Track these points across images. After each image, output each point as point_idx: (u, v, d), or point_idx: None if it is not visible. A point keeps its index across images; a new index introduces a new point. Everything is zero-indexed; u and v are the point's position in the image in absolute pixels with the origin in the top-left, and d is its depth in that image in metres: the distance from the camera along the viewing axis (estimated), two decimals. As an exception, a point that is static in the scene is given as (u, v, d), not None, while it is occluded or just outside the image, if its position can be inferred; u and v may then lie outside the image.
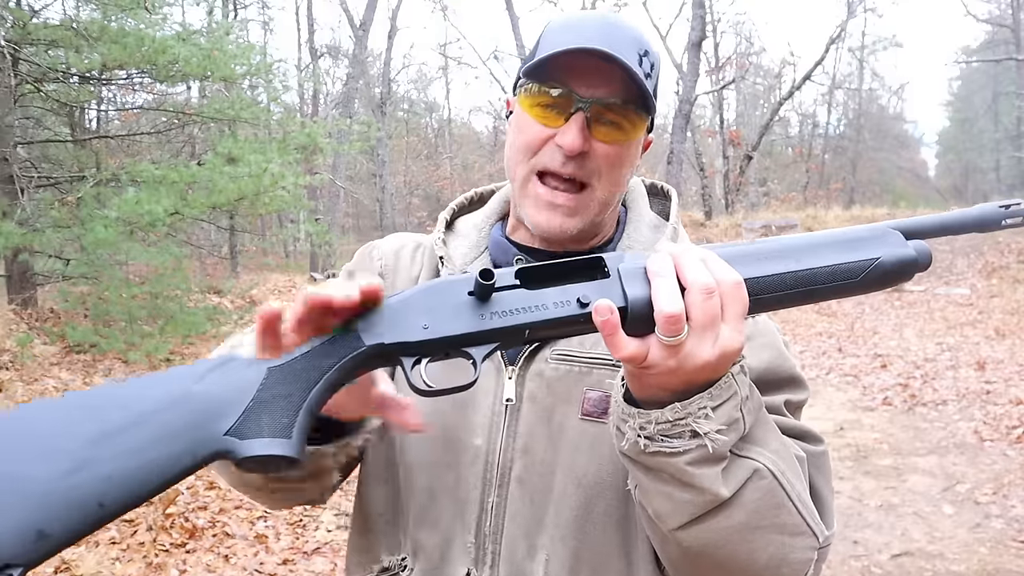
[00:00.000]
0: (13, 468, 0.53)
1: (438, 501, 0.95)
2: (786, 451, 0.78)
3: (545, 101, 0.90)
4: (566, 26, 0.91)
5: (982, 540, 4.09)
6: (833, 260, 0.72)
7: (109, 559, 3.61)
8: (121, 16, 8.23)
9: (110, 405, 0.57)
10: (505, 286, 0.67)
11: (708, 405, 0.69)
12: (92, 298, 8.39)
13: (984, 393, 7.04)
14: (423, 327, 0.65)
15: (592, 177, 0.91)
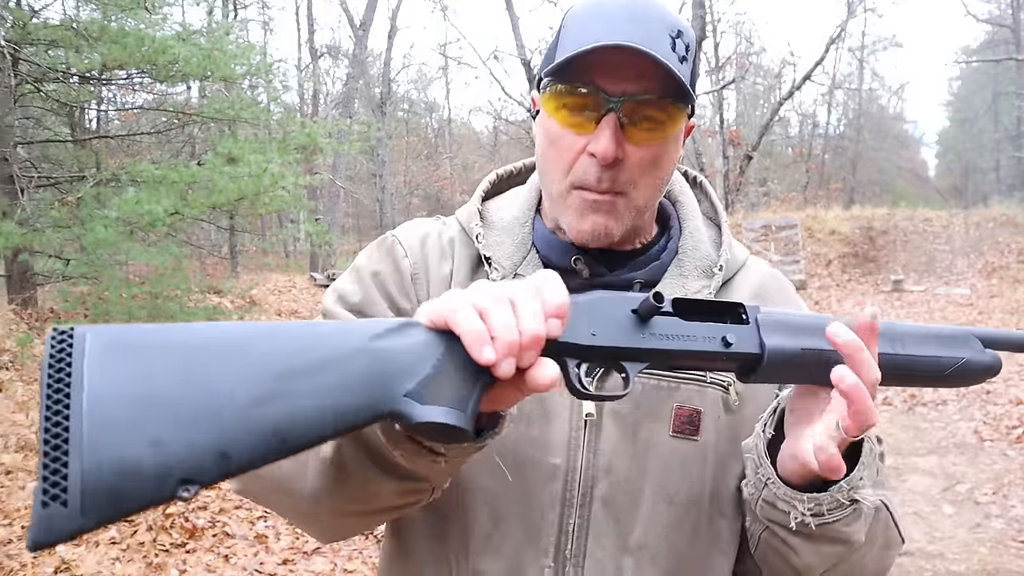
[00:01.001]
0: (220, 386, 0.53)
1: (503, 526, 0.87)
2: (881, 475, 0.84)
3: (571, 102, 0.83)
4: (589, 16, 0.84)
5: (982, 540, 4.09)
6: (932, 352, 0.78)
7: (109, 559, 3.61)
8: (121, 16, 8.23)
9: (298, 345, 0.58)
10: (665, 312, 0.69)
11: (864, 474, 0.75)
12: (92, 298, 8.39)
13: (984, 393, 7.04)
14: (592, 334, 0.67)
15: (628, 186, 0.85)
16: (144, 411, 0.50)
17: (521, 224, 0.96)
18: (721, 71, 25.74)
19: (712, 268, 0.94)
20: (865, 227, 17.67)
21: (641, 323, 0.68)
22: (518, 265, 0.93)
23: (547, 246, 0.93)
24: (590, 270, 0.91)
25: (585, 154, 0.84)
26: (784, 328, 0.73)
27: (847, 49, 30.86)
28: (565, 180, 0.86)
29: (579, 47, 0.79)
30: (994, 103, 32.58)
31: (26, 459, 4.71)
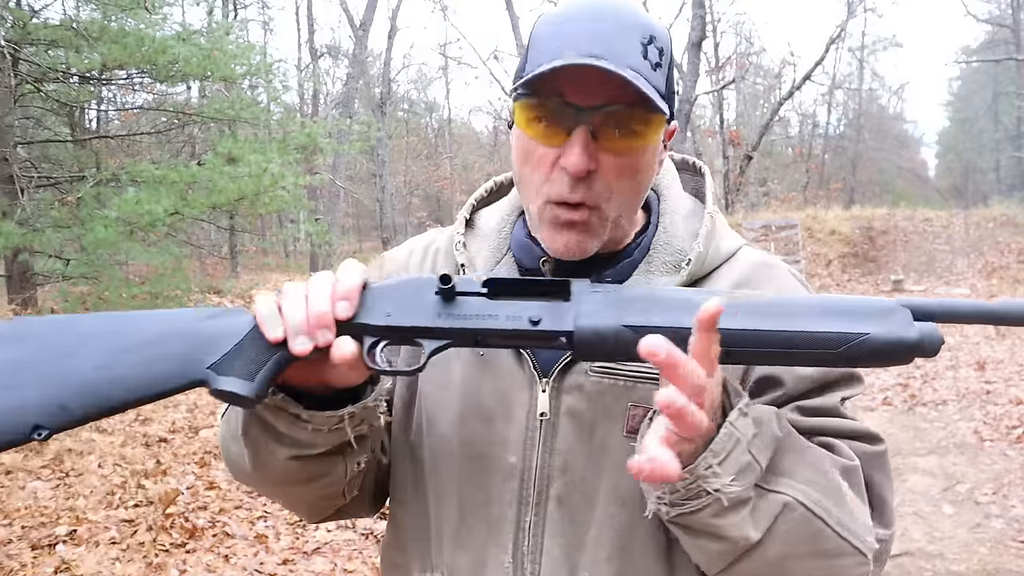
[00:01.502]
0: (73, 359, 0.72)
1: (469, 521, 0.91)
2: (821, 476, 0.76)
3: (542, 114, 0.81)
4: (556, 28, 0.82)
5: (982, 540, 4.09)
6: (817, 327, 0.68)
7: (109, 559, 3.61)
8: (121, 16, 8.23)
9: (136, 327, 0.75)
10: (468, 292, 0.73)
11: (713, 463, 0.68)
12: (92, 298, 8.38)
13: (984, 393, 7.04)
14: (387, 314, 0.74)
15: (601, 200, 0.83)
16: (14, 375, 0.70)
17: (499, 231, 0.98)
18: (721, 71, 25.74)
19: (681, 263, 0.90)
20: (865, 227, 17.67)
21: (444, 304, 0.73)
22: (492, 267, 0.95)
23: (520, 249, 0.95)
24: (554, 272, 0.91)
25: (558, 168, 0.82)
26: (624, 306, 0.70)
27: (847, 49, 30.90)
28: (540, 195, 0.85)
29: (547, 60, 0.78)
30: (994, 103, 32.58)
31: (26, 459, 4.71)
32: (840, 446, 0.84)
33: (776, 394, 0.87)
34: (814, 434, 0.84)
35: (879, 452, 0.88)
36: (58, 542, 3.73)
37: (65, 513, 4.03)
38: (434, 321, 0.73)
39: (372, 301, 0.74)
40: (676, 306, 0.69)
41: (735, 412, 0.70)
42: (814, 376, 0.87)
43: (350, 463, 0.87)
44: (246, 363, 0.72)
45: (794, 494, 0.73)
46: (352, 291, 0.72)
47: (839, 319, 0.69)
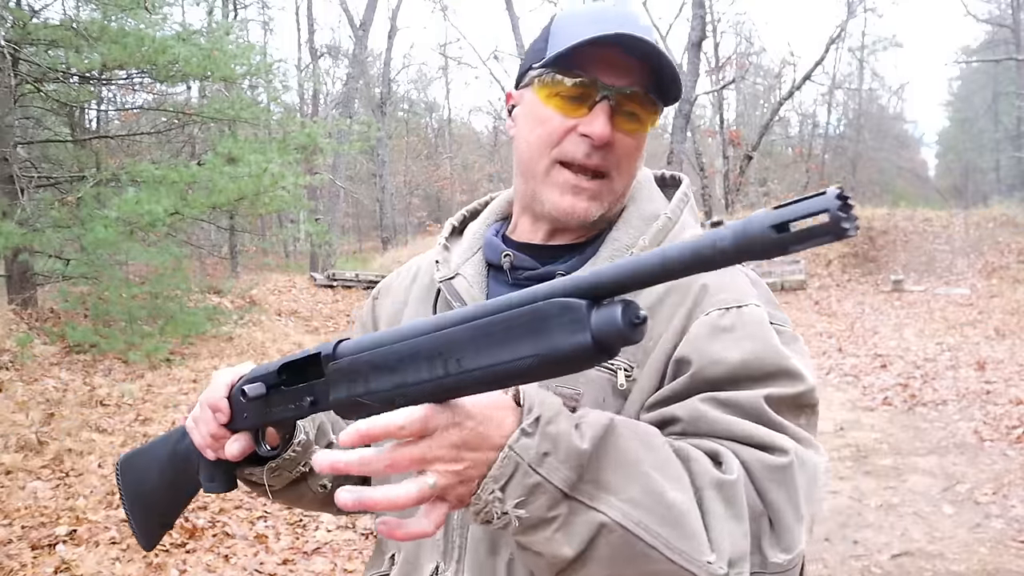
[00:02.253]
0: (142, 489, 1.05)
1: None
2: (652, 492, 0.69)
3: (565, 91, 0.89)
4: (581, 17, 0.90)
5: (982, 540, 4.09)
6: (492, 360, 0.59)
7: (109, 559, 3.61)
8: (121, 16, 8.23)
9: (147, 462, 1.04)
10: (256, 396, 0.82)
11: (494, 488, 0.65)
12: (92, 298, 8.39)
13: (984, 393, 7.04)
14: (244, 416, 0.87)
15: (613, 168, 0.91)
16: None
17: (474, 233, 1.07)
18: (721, 71, 25.74)
19: (622, 255, 0.94)
20: (865, 227, 17.67)
21: (266, 399, 0.83)
22: (460, 266, 1.03)
23: (488, 248, 1.03)
24: (515, 264, 0.98)
25: (575, 133, 0.89)
26: (353, 377, 0.68)
27: (847, 49, 30.89)
28: (549, 155, 0.91)
29: (573, 39, 0.85)
30: (994, 103, 32.58)
31: (26, 459, 4.71)
32: (726, 456, 0.76)
33: (685, 376, 0.83)
34: (707, 434, 0.79)
35: (780, 465, 0.77)
36: (58, 542, 3.73)
37: (65, 513, 4.03)
38: (262, 417, 0.85)
39: (237, 403, 0.87)
40: (395, 364, 0.64)
41: (516, 433, 0.66)
42: (734, 362, 0.82)
43: (312, 486, 1.03)
44: (206, 470, 0.95)
45: (612, 514, 0.68)
46: (219, 403, 0.88)
47: (507, 341, 0.58)
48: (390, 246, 21.91)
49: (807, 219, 0.46)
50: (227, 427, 0.89)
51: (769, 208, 0.48)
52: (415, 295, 1.09)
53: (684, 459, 0.74)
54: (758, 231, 0.47)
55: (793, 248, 0.47)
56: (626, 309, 0.54)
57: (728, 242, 0.49)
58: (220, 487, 0.95)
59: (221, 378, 0.89)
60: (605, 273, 0.55)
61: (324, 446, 1.02)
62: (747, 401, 0.80)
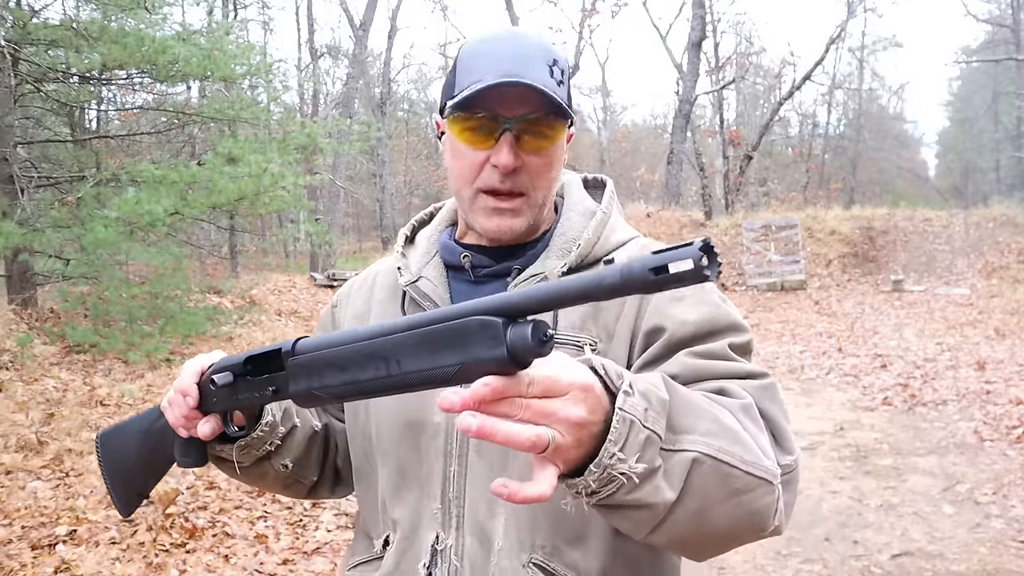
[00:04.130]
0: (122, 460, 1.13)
1: (406, 479, 1.07)
2: (715, 423, 0.81)
3: (474, 126, 1.01)
4: (479, 54, 1.01)
5: (982, 540, 4.09)
6: (421, 365, 0.68)
7: (109, 559, 3.61)
8: (121, 16, 8.23)
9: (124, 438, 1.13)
10: (224, 384, 0.93)
11: (614, 451, 0.70)
12: (92, 298, 8.39)
13: (984, 393, 7.04)
14: (214, 401, 0.97)
15: (527, 187, 1.03)
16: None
17: (428, 238, 1.19)
18: (721, 71, 25.74)
19: (571, 247, 1.07)
20: (865, 227, 17.67)
21: (233, 386, 0.93)
22: (422, 268, 1.13)
23: (445, 250, 1.14)
24: (474, 262, 1.10)
25: (488, 165, 1.02)
26: (317, 367, 0.77)
27: (847, 49, 30.91)
28: (472, 186, 1.04)
29: (474, 82, 0.98)
30: (994, 103, 32.58)
31: (26, 459, 4.71)
32: (731, 387, 0.92)
33: (662, 340, 0.98)
34: (708, 378, 0.94)
35: (767, 385, 0.96)
36: (58, 542, 3.73)
37: (65, 513, 4.03)
38: (228, 404, 0.96)
39: (207, 388, 0.97)
40: (344, 363, 0.74)
41: (621, 396, 0.72)
42: (697, 321, 0.98)
43: (276, 464, 1.12)
44: (180, 447, 1.05)
45: (698, 448, 0.78)
46: (188, 388, 0.98)
47: (436, 349, 0.67)
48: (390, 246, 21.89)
49: (679, 263, 0.56)
50: (199, 409, 0.98)
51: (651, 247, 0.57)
52: (378, 299, 1.18)
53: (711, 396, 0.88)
54: (639, 273, 0.58)
55: (666, 287, 0.57)
56: (535, 328, 0.63)
57: (615, 279, 0.59)
58: (193, 462, 1.05)
59: (192, 365, 0.99)
60: (517, 297, 0.64)
61: (288, 428, 1.12)
62: (718, 349, 0.97)
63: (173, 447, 1.05)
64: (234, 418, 1.03)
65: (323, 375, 0.76)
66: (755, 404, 0.90)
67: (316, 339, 0.80)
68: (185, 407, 0.98)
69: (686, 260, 0.56)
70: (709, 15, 23.38)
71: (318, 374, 0.77)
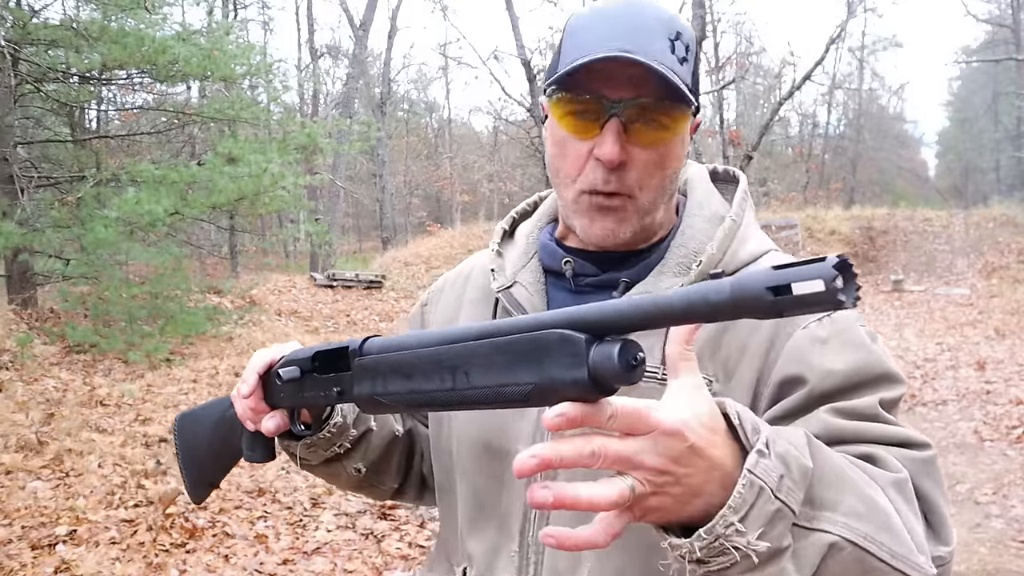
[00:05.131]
0: (195, 446, 1.08)
1: (484, 511, 0.95)
2: (866, 502, 0.68)
3: (576, 109, 0.86)
4: (589, 24, 0.86)
5: (982, 540, 4.09)
6: (494, 380, 0.60)
7: (109, 559, 3.61)
8: (121, 16, 8.23)
9: (199, 424, 1.07)
10: (290, 379, 0.86)
11: (734, 520, 0.59)
12: (92, 298, 8.39)
13: (984, 393, 7.04)
14: (281, 396, 0.91)
15: (633, 187, 0.87)
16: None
17: (527, 236, 1.04)
18: (721, 71, 25.74)
19: (691, 264, 0.91)
20: (865, 227, 17.67)
21: (300, 383, 0.86)
22: (518, 271, 0.99)
23: (545, 252, 1.00)
24: (577, 270, 0.95)
25: (592, 158, 0.86)
26: (383, 371, 0.71)
27: (847, 49, 30.90)
28: (575, 186, 0.89)
29: (580, 56, 0.83)
30: (994, 103, 32.58)
31: (26, 459, 4.71)
32: (884, 456, 0.77)
33: (801, 392, 0.82)
34: (854, 441, 0.79)
35: (928, 458, 0.82)
36: (58, 542, 3.72)
37: (65, 513, 4.02)
38: (296, 400, 0.90)
39: (274, 381, 0.90)
40: (410, 369, 0.67)
41: (753, 455, 0.60)
42: (844, 371, 0.82)
43: (348, 468, 1.04)
44: (247, 440, 0.99)
45: (839, 531, 0.65)
46: (251, 381, 0.91)
47: (510, 365, 0.59)
48: (390, 246, 21.88)
49: (806, 283, 0.46)
50: (267, 402, 0.92)
51: (770, 262, 0.49)
52: (469, 298, 1.06)
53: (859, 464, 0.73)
54: (754, 292, 0.47)
55: (788, 313, 0.47)
56: (624, 349, 0.54)
57: (724, 297, 0.49)
58: (259, 457, 1.00)
59: (260, 356, 0.92)
60: (606, 310, 0.55)
61: (362, 431, 1.03)
62: (867, 407, 0.82)
63: (241, 439, 1.00)
64: (300, 415, 0.97)
65: (388, 380, 0.70)
66: (911, 480, 0.76)
67: (385, 340, 0.74)
68: (252, 399, 0.92)
69: (815, 280, 0.45)
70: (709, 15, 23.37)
71: (383, 378, 0.70)
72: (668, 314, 0.52)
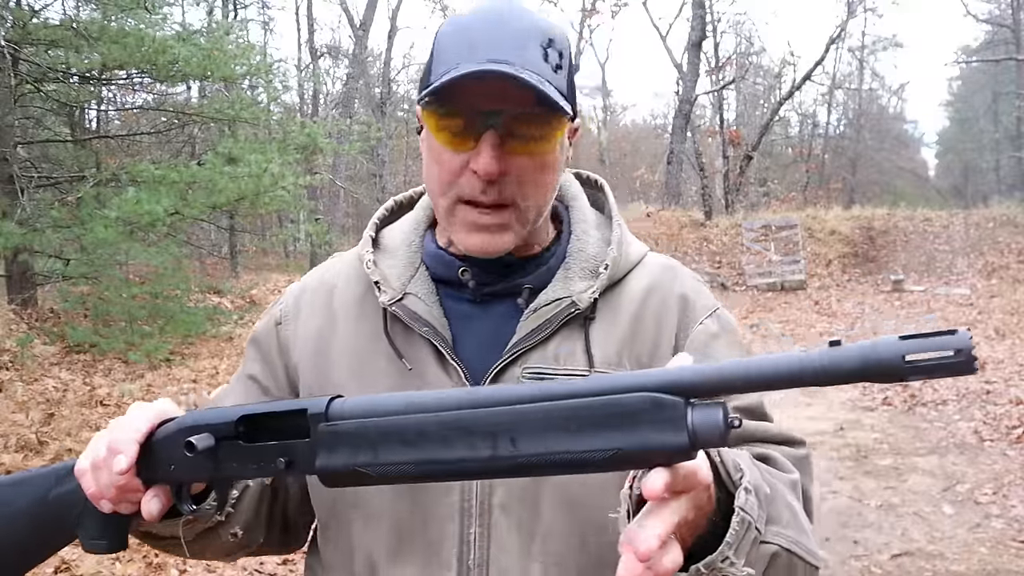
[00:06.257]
0: None
1: (405, 542, 0.88)
2: (788, 510, 0.76)
3: (449, 124, 0.84)
4: (457, 36, 0.84)
5: (982, 540, 4.09)
6: (561, 447, 0.56)
7: (109, 559, 3.61)
8: (121, 16, 8.24)
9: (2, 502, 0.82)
10: (206, 448, 0.69)
11: (730, 554, 0.65)
12: (92, 298, 8.39)
13: (984, 393, 7.04)
14: (171, 467, 0.73)
15: (515, 196, 0.85)
16: None
17: (408, 244, 0.98)
18: (721, 71, 25.74)
19: (598, 268, 0.92)
20: (865, 227, 17.67)
21: (212, 453, 0.70)
22: (407, 284, 0.93)
23: (435, 261, 0.95)
24: (476, 280, 0.92)
25: (468, 171, 0.84)
26: (370, 438, 0.62)
27: (847, 49, 30.88)
28: (450, 194, 0.87)
29: (450, 68, 0.80)
30: (994, 103, 32.58)
31: (26, 459, 4.71)
32: (777, 457, 0.84)
33: None
34: (752, 440, 0.85)
35: (803, 456, 0.89)
36: (58, 542, 3.72)
37: (65, 513, 4.02)
38: (202, 471, 0.73)
39: (156, 456, 0.74)
40: (414, 437, 0.60)
41: (742, 494, 0.67)
42: None
43: (225, 535, 0.91)
44: (95, 523, 0.79)
45: (779, 541, 0.73)
46: (128, 450, 0.73)
47: (583, 432, 0.55)
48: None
49: (939, 352, 0.49)
50: (140, 476, 0.74)
51: (892, 331, 0.53)
52: (344, 315, 0.96)
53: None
54: (889, 359, 0.50)
55: (912, 378, 0.50)
56: (726, 412, 0.53)
57: (855, 364, 0.51)
58: (108, 546, 0.80)
59: (137, 419, 0.75)
60: (708, 373, 0.54)
61: (242, 489, 0.93)
62: (758, 406, 0.88)
63: (79, 524, 0.79)
64: (190, 488, 0.78)
65: (379, 449, 0.61)
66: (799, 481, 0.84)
67: (362, 402, 0.64)
68: (121, 476, 0.72)
69: (948, 350, 0.49)
70: (709, 15, 23.39)
71: (369, 447, 0.61)
72: (780, 378, 0.52)
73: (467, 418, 0.58)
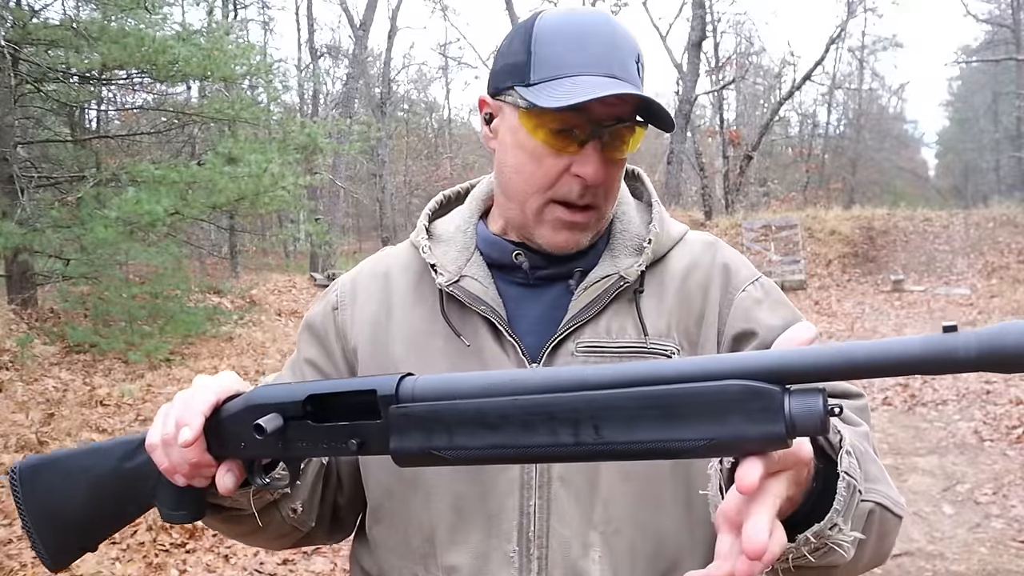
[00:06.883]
0: (59, 504, 0.83)
1: (466, 519, 0.90)
2: (876, 464, 0.78)
3: (553, 126, 0.86)
4: (566, 37, 0.86)
5: (982, 540, 4.09)
6: (648, 436, 0.55)
7: (109, 559, 3.61)
8: (121, 16, 8.24)
9: (81, 469, 0.84)
10: (274, 430, 0.69)
11: (838, 521, 0.64)
12: (92, 298, 8.40)
13: (984, 393, 7.04)
14: (241, 445, 0.74)
15: (601, 201, 0.92)
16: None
17: (463, 231, 1.01)
18: (721, 71, 25.74)
19: (642, 244, 0.96)
20: (865, 227, 17.67)
21: (280, 432, 0.70)
22: (463, 267, 0.96)
23: (488, 246, 0.98)
24: (530, 263, 0.96)
25: (569, 173, 0.88)
26: (429, 426, 0.61)
27: (847, 49, 30.87)
28: (544, 195, 0.90)
29: (564, 74, 0.84)
30: (994, 103, 32.59)
31: (26, 459, 4.71)
32: (846, 412, 0.85)
33: (755, 344, 0.91)
34: None
35: (864, 406, 0.92)
36: (58, 542, 3.72)
37: (65, 513, 4.02)
38: (273, 450, 0.73)
39: (227, 431, 0.74)
40: (497, 420, 0.59)
41: (844, 458, 0.66)
42: (782, 326, 0.88)
43: (285, 508, 0.92)
44: (171, 494, 0.80)
45: (875, 498, 0.76)
46: (196, 430, 0.73)
47: (676, 419, 0.54)
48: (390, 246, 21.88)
49: None
50: (210, 452, 0.75)
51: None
52: (401, 301, 0.99)
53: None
54: (1014, 347, 0.47)
55: None
56: (825, 400, 0.51)
57: (970, 355, 0.48)
58: (186, 516, 0.81)
59: (203, 393, 0.75)
60: (806, 357, 0.52)
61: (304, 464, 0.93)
62: None
63: (155, 495, 0.81)
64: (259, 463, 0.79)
65: (455, 433, 0.60)
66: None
67: (436, 382, 0.63)
68: (194, 450, 0.74)
69: None
70: (709, 15, 23.39)
71: (444, 430, 0.61)
72: (890, 363, 0.50)
73: (549, 403, 0.57)
